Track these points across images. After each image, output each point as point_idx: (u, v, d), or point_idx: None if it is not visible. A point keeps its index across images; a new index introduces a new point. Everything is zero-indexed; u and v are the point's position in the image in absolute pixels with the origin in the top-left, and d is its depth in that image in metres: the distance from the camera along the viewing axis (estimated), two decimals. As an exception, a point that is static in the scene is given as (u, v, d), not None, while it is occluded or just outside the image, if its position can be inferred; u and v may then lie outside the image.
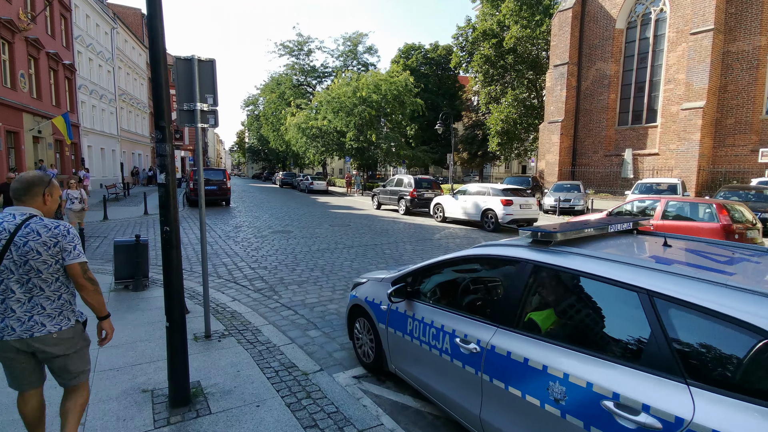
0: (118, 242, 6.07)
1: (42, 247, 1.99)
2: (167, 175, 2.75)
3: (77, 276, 2.10)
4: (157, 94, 2.71)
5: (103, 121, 28.94)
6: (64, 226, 2.09)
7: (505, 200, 12.05)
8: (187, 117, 4.05)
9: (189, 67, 4.00)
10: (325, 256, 8.59)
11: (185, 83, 4.01)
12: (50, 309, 2.07)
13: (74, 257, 2.07)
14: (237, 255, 8.64)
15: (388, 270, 4.29)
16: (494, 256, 2.72)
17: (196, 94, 4.01)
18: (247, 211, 17.39)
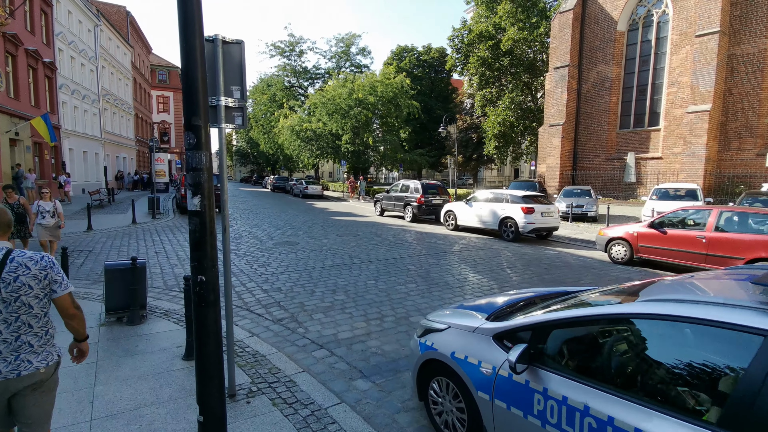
0: (111, 266, 5.08)
1: (33, 280, 1.94)
2: (203, 198, 1.86)
3: (67, 307, 2.07)
4: (189, 82, 1.83)
5: (86, 122, 27.48)
6: (48, 257, 2.02)
7: (527, 208, 11.30)
8: (210, 114, 3.14)
9: (210, 51, 3.09)
10: (344, 273, 7.67)
11: (206, 72, 3.09)
12: (37, 345, 2.00)
13: (64, 288, 2.04)
14: (243, 273, 7.67)
15: (459, 309, 3.42)
16: (714, 323, 1.79)
17: (219, 85, 3.10)
18: (243, 219, 16.34)
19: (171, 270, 7.93)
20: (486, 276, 7.57)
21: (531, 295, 3.61)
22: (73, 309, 2.08)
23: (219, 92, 3.09)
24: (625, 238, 8.64)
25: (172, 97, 56.81)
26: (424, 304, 5.88)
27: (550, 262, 8.93)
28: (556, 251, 10.30)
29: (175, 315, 5.44)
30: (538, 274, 7.79)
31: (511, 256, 9.58)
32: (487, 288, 6.78)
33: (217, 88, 3.09)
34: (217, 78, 3.09)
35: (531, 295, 3.58)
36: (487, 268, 8.24)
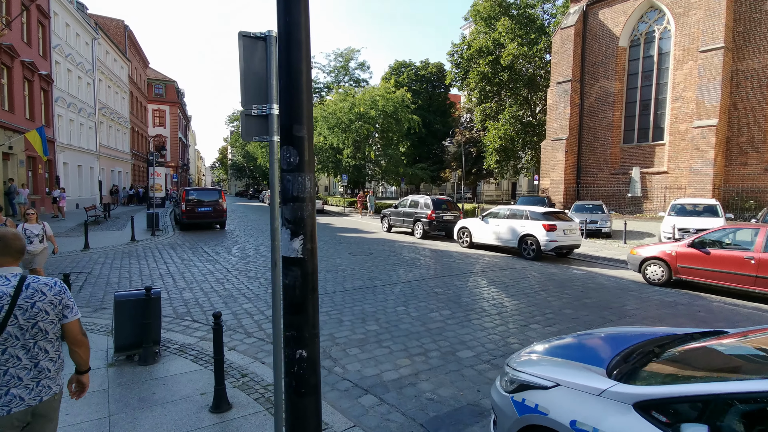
0: (122, 297, 4.48)
1: (49, 306, 1.94)
2: (305, 240, 1.33)
3: (76, 333, 2.05)
4: (291, 78, 1.33)
5: (81, 136, 26.84)
6: (60, 283, 2.01)
7: (549, 225, 10.83)
8: (256, 126, 2.62)
9: (261, 50, 2.59)
10: (368, 298, 7.09)
11: (254, 75, 2.58)
12: (53, 371, 2.01)
13: (75, 314, 2.04)
14: (259, 298, 7.06)
15: (555, 358, 2.87)
16: None
17: (272, 91, 2.58)
18: (246, 235, 15.71)
19: (179, 294, 7.30)
20: (522, 300, 7.04)
21: (632, 333, 3.08)
22: (81, 336, 2.08)
23: (271, 98, 2.58)
24: (661, 258, 8.18)
25: (168, 111, 56.40)
26: (467, 336, 5.32)
27: (583, 283, 8.42)
28: (583, 271, 9.81)
29: (191, 351, 4.83)
30: (576, 297, 7.27)
31: (539, 276, 9.06)
32: (528, 314, 6.24)
33: (269, 93, 2.58)
34: (269, 82, 2.57)
35: (632, 334, 3.06)
36: (519, 290, 7.71)
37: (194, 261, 10.39)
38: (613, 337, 3.08)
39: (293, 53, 1.35)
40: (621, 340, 2.94)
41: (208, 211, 17.00)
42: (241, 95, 2.59)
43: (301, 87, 1.38)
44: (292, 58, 1.35)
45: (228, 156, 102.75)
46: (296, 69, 1.38)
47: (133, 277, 8.61)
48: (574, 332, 5.49)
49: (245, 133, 2.59)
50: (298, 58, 1.37)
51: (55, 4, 23.03)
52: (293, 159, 1.38)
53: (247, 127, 2.59)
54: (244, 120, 2.59)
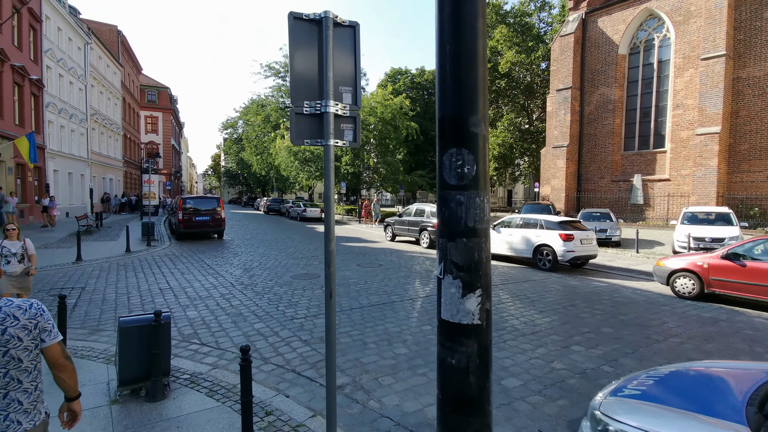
0: (127, 324, 3.95)
1: (23, 332, 1.77)
2: (483, 299, 0.89)
3: (57, 357, 1.88)
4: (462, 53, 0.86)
5: (72, 142, 26.09)
6: (37, 304, 1.86)
7: (566, 235, 10.44)
8: (308, 127, 2.17)
9: (316, 36, 2.13)
10: (389, 315, 6.60)
11: (306, 66, 2.13)
12: (27, 403, 1.81)
13: (54, 336, 1.87)
14: (271, 317, 6.53)
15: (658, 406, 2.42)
16: None
17: (328, 85, 2.13)
18: (246, 245, 15.13)
19: (182, 313, 6.75)
20: (552, 317, 6.59)
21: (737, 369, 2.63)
22: (63, 359, 1.92)
23: (327, 94, 2.12)
24: (692, 270, 7.80)
25: (161, 118, 55.64)
26: (506, 360, 4.85)
27: (610, 297, 8.01)
28: (605, 283, 9.41)
29: (203, 382, 4.30)
30: (609, 313, 6.84)
31: (561, 289, 8.64)
32: (565, 333, 5.79)
33: (325, 88, 2.12)
34: (325, 74, 2.12)
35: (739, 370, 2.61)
36: (546, 306, 7.27)
37: (195, 274, 9.81)
38: (720, 377, 2.63)
39: (465, 4, 0.89)
40: (734, 380, 2.50)
41: (206, 220, 16.40)
42: (291, 90, 2.13)
43: (477, 57, 0.93)
44: (463, 11, 0.89)
45: (221, 163, 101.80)
46: (470, 27, 0.92)
47: (131, 292, 8.03)
48: (621, 354, 5.06)
49: (295, 135, 2.13)
50: (473, 11, 0.91)
51: (47, 8, 22.44)
52: (468, 169, 0.92)
53: (298, 129, 2.13)
54: (294, 120, 2.13)
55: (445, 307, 0.90)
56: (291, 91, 2.14)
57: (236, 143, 64.15)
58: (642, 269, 11.30)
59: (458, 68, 0.91)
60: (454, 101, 0.94)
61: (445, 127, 0.96)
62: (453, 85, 0.94)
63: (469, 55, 0.90)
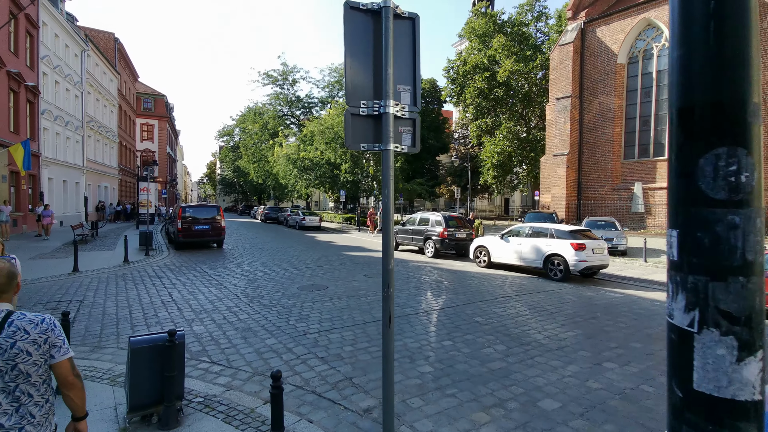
0: (138, 344, 3.65)
1: (32, 346, 1.74)
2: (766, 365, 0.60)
3: (66, 374, 1.84)
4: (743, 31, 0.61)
5: (67, 150, 25.68)
6: (49, 319, 1.82)
7: (578, 244, 10.25)
8: (364, 129, 1.94)
9: (372, 28, 1.90)
10: (406, 330, 6.32)
11: (362, 62, 1.90)
12: (39, 416, 1.80)
13: (64, 353, 1.83)
14: (283, 332, 6.23)
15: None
16: None
17: (388, 83, 1.90)
18: (248, 255, 14.79)
19: (189, 327, 6.42)
20: (575, 330, 6.35)
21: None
22: (72, 377, 1.88)
23: (387, 93, 1.89)
24: (712, 280, 7.60)
25: (157, 125, 55.27)
26: (538, 379, 4.58)
27: (630, 309, 7.78)
28: (621, 293, 9.20)
29: (218, 406, 3.99)
30: (634, 326, 6.61)
31: (577, 300, 8.41)
32: (593, 349, 5.54)
33: (384, 86, 1.89)
34: (384, 70, 1.89)
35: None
36: (567, 318, 7.02)
37: (198, 285, 9.48)
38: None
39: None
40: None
41: (206, 229, 16.06)
42: (346, 89, 1.89)
43: (749, 13, 0.68)
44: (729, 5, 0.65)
45: (217, 171, 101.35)
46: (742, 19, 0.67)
47: (132, 306, 7.69)
48: (658, 372, 4.80)
49: (351, 139, 1.89)
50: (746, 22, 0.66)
51: (45, 15, 22.20)
52: (746, 177, 0.67)
53: (354, 131, 1.90)
54: (350, 121, 1.90)
55: (705, 374, 0.64)
56: (346, 90, 1.90)
57: (233, 151, 63.86)
58: (653, 279, 11.11)
59: (723, 28, 0.66)
60: (719, 78, 0.68)
61: (701, 118, 0.70)
62: (716, 54, 0.68)
63: (741, 9, 0.65)
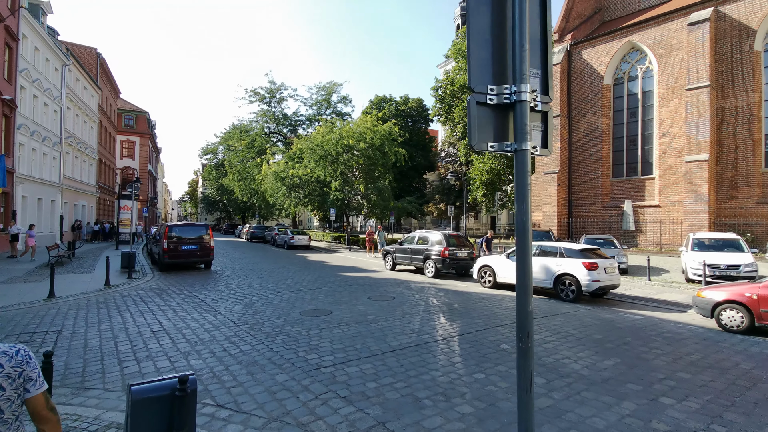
0: (141, 393, 2.98)
1: (6, 380, 1.63)
2: None
3: (41, 408, 1.72)
4: None
5: (44, 166, 24.47)
6: (24, 350, 1.72)
7: (590, 263, 9.92)
8: (492, 122, 1.46)
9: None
10: (430, 362, 5.75)
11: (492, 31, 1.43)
12: None
13: (39, 386, 1.73)
14: (291, 364, 5.57)
15: None
16: None
17: (523, 61, 1.44)
18: (239, 277, 13.99)
19: (185, 362, 5.70)
20: (611, 358, 5.88)
21: None
22: (47, 411, 1.75)
23: (521, 74, 1.43)
24: (739, 301, 7.31)
25: (138, 143, 53.89)
26: (596, 420, 4.07)
27: (657, 332, 7.39)
28: (640, 315, 8.83)
29: (234, 463, 3.33)
30: (672, 353, 6.20)
31: (599, 324, 7.98)
32: (640, 381, 5.07)
33: (518, 64, 1.43)
34: (517, 42, 1.43)
35: None
36: (597, 344, 6.56)
37: (189, 312, 8.70)
38: None
39: None
40: None
41: (193, 249, 15.21)
42: (469, 68, 1.42)
43: None
44: None
45: (199, 189, 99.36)
46: None
47: (117, 336, 6.89)
48: (720, 406, 4.34)
49: (475, 135, 1.44)
50: None
51: (25, 27, 21.39)
52: None
53: (479, 123, 1.44)
54: (475, 112, 1.43)
55: None
56: (470, 70, 1.44)
57: (216, 169, 62.69)
58: (664, 298, 10.84)
59: None
60: None
61: None
62: None
63: None
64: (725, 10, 21.25)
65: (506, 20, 1.45)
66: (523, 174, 1.50)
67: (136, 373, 5.29)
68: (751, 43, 20.57)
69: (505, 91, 1.45)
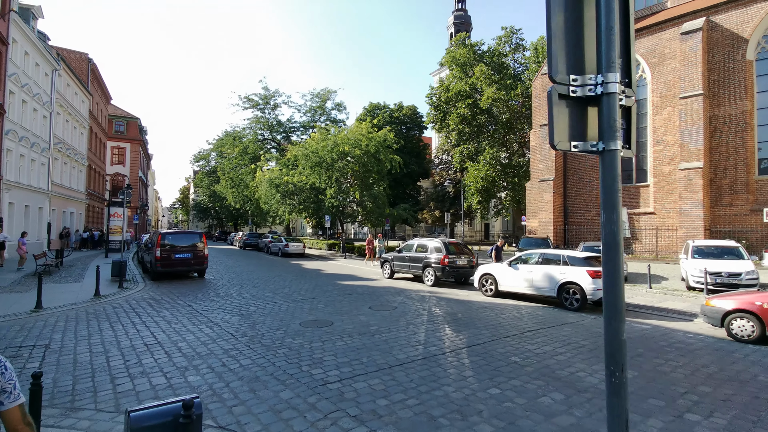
0: (141, 420, 2.71)
1: None
2: None
3: (17, 423, 1.65)
4: None
5: (32, 173, 23.91)
6: (0, 360, 1.67)
7: (594, 272, 9.77)
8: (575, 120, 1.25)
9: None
10: (441, 376, 5.50)
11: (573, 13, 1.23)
12: None
13: (15, 398, 1.65)
14: (296, 380, 5.29)
15: None
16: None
17: (611, 47, 1.24)
18: (234, 286, 13.63)
19: (182, 379, 5.39)
20: (629, 371, 5.68)
21: None
22: (23, 425, 1.67)
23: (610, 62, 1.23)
24: (750, 310, 7.19)
25: (129, 149, 53.15)
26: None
27: (667, 342, 7.23)
28: (648, 324, 8.68)
29: (242, 494, 3.05)
30: (688, 365, 6.02)
31: (608, 334, 7.80)
32: (661, 394, 4.88)
33: (604, 51, 1.23)
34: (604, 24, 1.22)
35: None
36: (609, 356, 6.37)
37: (184, 323, 8.36)
38: None
39: None
40: None
41: (187, 257, 14.83)
42: (549, 55, 1.22)
43: None
44: None
45: (190, 196, 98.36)
46: None
47: (109, 351, 6.55)
48: (748, 422, 4.16)
49: (558, 133, 1.24)
50: None
51: (15, 31, 20.99)
52: None
53: (560, 121, 1.22)
54: (556, 106, 1.22)
55: None
56: (550, 57, 1.24)
57: (208, 175, 62.08)
58: (668, 307, 10.72)
59: None
60: None
61: None
62: None
63: None
64: (717, 20, 21.57)
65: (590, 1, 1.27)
66: (613, 178, 1.30)
67: (130, 391, 4.97)
68: (743, 53, 20.87)
69: (590, 82, 1.26)
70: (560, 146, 1.32)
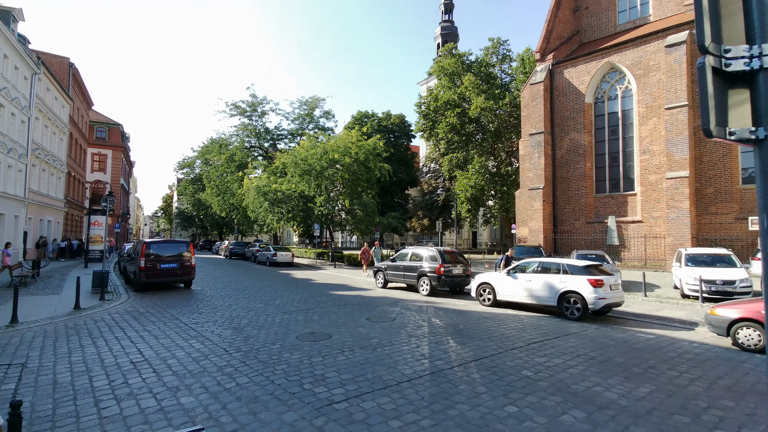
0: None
1: None
2: None
3: None
4: None
5: (8, 180, 22.92)
6: None
7: (595, 281, 9.65)
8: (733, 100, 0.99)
9: None
10: (452, 393, 5.20)
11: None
12: None
13: None
14: (298, 399, 4.93)
15: None
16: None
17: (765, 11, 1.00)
18: (223, 297, 13.11)
19: (174, 400, 4.97)
20: (644, 385, 5.49)
21: None
22: None
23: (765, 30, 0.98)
24: (756, 319, 7.12)
25: (110, 156, 51.80)
26: (655, 460, 3.62)
27: (676, 353, 7.09)
28: (652, 334, 8.55)
29: None
30: (702, 377, 5.86)
31: (614, 344, 7.63)
32: (684, 409, 4.68)
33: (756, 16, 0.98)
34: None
35: None
36: (623, 369, 6.18)
37: (173, 338, 7.89)
38: None
39: None
40: None
41: (173, 267, 14.25)
42: (697, 23, 0.98)
43: None
44: None
45: (174, 204, 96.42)
46: None
47: (92, 370, 6.07)
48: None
49: (715, 116, 1.01)
50: None
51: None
52: None
53: (718, 102, 0.97)
54: (710, 83, 0.97)
55: None
56: (697, 25, 1.00)
57: (193, 183, 60.96)
58: (666, 315, 10.66)
59: None
60: None
61: None
62: None
63: None
64: (700, 34, 22.11)
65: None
66: (767, 168, 1.07)
67: (116, 416, 4.54)
68: (725, 65, 21.39)
69: (744, 53, 1.02)
70: (717, 133, 1.08)
